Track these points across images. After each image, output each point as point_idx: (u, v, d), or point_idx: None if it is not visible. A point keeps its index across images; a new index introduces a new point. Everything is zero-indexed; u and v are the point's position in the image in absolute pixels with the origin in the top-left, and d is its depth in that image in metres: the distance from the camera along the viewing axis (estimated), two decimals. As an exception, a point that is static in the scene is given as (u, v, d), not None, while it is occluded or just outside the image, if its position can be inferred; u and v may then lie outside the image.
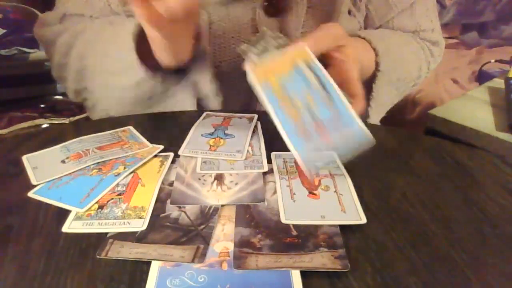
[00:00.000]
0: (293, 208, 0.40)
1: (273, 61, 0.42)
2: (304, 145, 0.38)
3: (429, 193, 0.44)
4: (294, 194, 0.42)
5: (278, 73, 0.41)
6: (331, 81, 0.41)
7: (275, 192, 0.43)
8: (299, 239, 0.37)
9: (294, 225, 0.39)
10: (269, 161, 0.48)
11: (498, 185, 0.46)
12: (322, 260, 0.35)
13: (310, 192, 0.43)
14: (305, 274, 0.33)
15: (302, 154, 0.39)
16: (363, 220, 0.39)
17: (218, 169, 0.47)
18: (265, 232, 0.38)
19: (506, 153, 0.82)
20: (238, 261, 0.35)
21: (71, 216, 0.40)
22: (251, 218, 0.40)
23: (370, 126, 0.62)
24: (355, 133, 0.39)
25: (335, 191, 0.43)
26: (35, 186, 0.44)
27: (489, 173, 0.48)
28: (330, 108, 0.39)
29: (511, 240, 0.38)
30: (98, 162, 0.47)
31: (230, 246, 0.36)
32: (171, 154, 0.49)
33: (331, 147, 0.38)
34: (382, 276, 0.34)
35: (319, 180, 0.44)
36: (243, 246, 0.36)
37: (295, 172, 0.46)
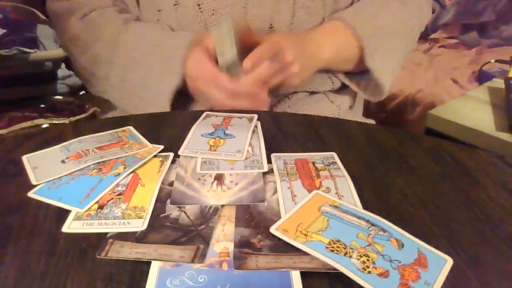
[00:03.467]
0: (294, 209, 0.40)
1: (299, 214, 0.40)
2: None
3: (429, 193, 0.44)
4: (295, 195, 0.42)
5: (312, 225, 0.38)
6: (365, 211, 0.40)
7: (275, 192, 0.43)
8: None
9: None
10: (269, 161, 0.48)
11: (498, 185, 0.46)
12: (321, 260, 0.35)
13: None
14: (305, 275, 0.33)
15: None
16: None
17: (218, 169, 0.47)
18: (265, 233, 0.38)
19: (506, 153, 0.82)
20: (238, 261, 0.35)
21: (71, 216, 0.40)
22: (251, 219, 0.40)
23: (371, 126, 0.62)
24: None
25: (336, 193, 0.43)
26: (35, 186, 0.44)
27: (489, 173, 0.48)
28: (394, 243, 0.37)
29: (511, 240, 0.38)
30: (98, 162, 0.47)
31: (230, 246, 0.36)
32: (171, 154, 0.49)
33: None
34: (382, 276, 0.34)
35: (320, 182, 0.44)
36: (243, 247, 0.36)
37: (296, 173, 0.46)
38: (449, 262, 0.36)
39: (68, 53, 0.75)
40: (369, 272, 0.34)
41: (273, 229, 0.38)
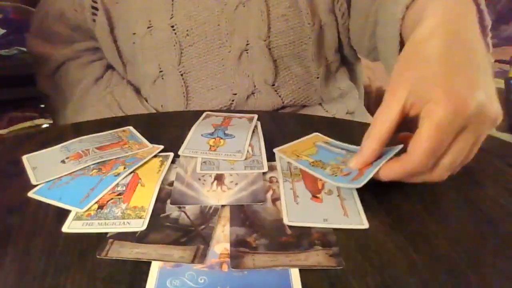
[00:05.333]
0: (296, 210, 0.40)
1: (297, 144, 0.51)
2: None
3: (429, 193, 0.44)
4: (298, 196, 0.42)
5: (305, 151, 0.49)
6: (353, 146, 0.48)
7: (268, 190, 0.44)
8: (294, 238, 0.37)
9: (290, 225, 0.39)
10: (273, 159, 0.48)
11: (498, 185, 0.46)
12: (317, 258, 0.35)
13: (313, 196, 0.43)
14: (304, 275, 0.33)
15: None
16: (366, 225, 0.39)
17: (218, 169, 0.47)
18: (260, 232, 0.38)
19: (506, 153, 0.81)
20: (235, 260, 0.35)
21: (71, 216, 0.40)
22: (245, 218, 0.40)
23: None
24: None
25: (338, 195, 0.43)
26: (35, 186, 0.44)
27: (489, 173, 0.48)
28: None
29: (511, 240, 0.38)
30: (98, 162, 0.47)
31: (230, 246, 0.36)
32: (171, 154, 0.49)
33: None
34: (382, 276, 0.34)
35: (323, 184, 0.44)
36: (239, 246, 0.36)
37: (299, 174, 0.46)
38: (399, 146, 0.41)
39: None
40: (336, 175, 0.42)
41: (275, 150, 0.49)
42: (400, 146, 0.41)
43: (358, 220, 0.39)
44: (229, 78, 0.66)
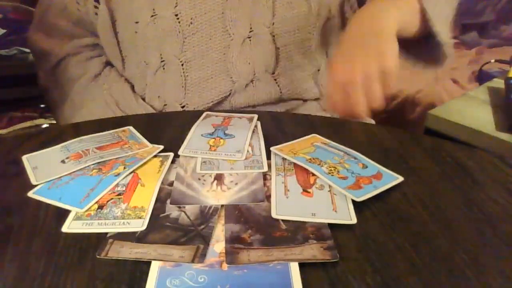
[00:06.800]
0: (285, 204, 0.41)
1: (294, 144, 0.51)
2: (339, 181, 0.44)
3: (429, 193, 0.44)
4: (288, 190, 0.43)
5: (302, 150, 0.50)
6: (351, 150, 0.50)
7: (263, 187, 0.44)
8: (289, 232, 0.38)
9: (283, 220, 0.39)
10: (268, 157, 0.48)
11: (498, 185, 0.46)
12: (312, 251, 0.35)
13: (304, 190, 0.43)
14: (304, 275, 0.33)
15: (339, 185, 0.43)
16: (353, 220, 0.39)
17: (218, 169, 0.47)
18: (255, 228, 0.38)
19: (506, 153, 0.81)
20: (231, 256, 0.35)
21: (71, 216, 0.40)
22: (240, 214, 0.40)
23: (371, 126, 0.62)
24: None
25: (329, 191, 0.43)
26: (35, 186, 0.44)
27: (489, 173, 0.48)
28: (360, 165, 0.47)
29: (511, 240, 0.38)
30: (98, 162, 0.47)
31: (230, 246, 0.36)
32: (171, 154, 0.49)
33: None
34: (382, 276, 0.34)
35: (315, 179, 0.45)
36: (234, 242, 0.36)
37: (292, 169, 0.46)
38: (400, 179, 0.45)
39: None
40: (332, 175, 0.44)
41: (272, 148, 0.49)
42: (401, 178, 0.45)
43: (347, 215, 0.40)
44: (230, 66, 0.65)
